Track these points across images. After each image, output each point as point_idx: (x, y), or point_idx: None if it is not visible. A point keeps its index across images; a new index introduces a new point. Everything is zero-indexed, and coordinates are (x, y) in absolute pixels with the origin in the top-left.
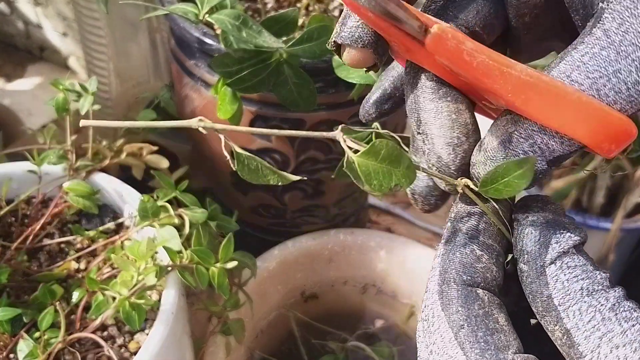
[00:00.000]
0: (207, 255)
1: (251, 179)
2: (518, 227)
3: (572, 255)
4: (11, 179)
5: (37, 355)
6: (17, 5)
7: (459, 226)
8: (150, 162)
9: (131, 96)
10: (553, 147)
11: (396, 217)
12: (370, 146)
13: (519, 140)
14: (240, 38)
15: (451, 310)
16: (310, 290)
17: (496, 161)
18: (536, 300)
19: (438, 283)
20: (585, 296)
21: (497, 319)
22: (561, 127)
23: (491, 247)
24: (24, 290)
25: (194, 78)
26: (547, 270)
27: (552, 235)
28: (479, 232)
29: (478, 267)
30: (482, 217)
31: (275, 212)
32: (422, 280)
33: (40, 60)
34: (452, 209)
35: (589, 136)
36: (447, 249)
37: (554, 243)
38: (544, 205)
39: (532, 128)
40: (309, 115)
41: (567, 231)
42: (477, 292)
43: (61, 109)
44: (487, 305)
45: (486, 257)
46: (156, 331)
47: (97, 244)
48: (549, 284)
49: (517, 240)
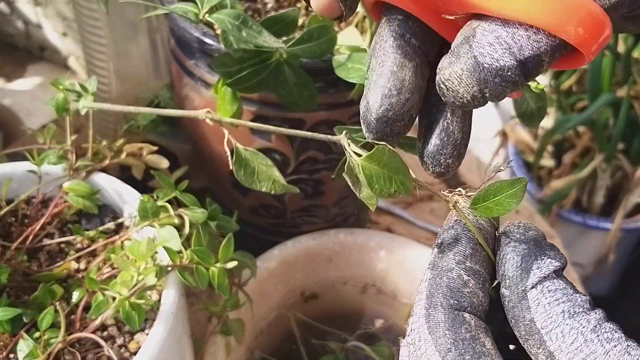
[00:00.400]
0: (207, 255)
1: (245, 182)
2: (500, 252)
3: (552, 279)
4: (11, 179)
5: (37, 355)
6: (17, 5)
7: (446, 250)
8: (150, 162)
9: (131, 96)
10: (520, 43)
11: (396, 217)
12: (374, 151)
13: (483, 33)
14: (240, 38)
15: (438, 334)
16: (310, 290)
17: (460, 58)
18: (519, 324)
19: (425, 307)
20: (567, 318)
21: (483, 342)
22: (516, 15)
23: (478, 273)
24: (24, 290)
25: (194, 78)
26: (529, 294)
27: (533, 261)
28: (466, 257)
29: (465, 292)
30: (469, 242)
31: (275, 212)
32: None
33: (40, 60)
34: (439, 234)
35: (549, 20)
36: (434, 273)
37: (535, 268)
38: (526, 231)
39: (496, 22)
40: (309, 115)
41: (548, 257)
42: (464, 316)
43: (61, 109)
44: (474, 329)
45: (473, 282)
46: (156, 331)
47: (97, 244)
48: (531, 307)
49: (499, 265)
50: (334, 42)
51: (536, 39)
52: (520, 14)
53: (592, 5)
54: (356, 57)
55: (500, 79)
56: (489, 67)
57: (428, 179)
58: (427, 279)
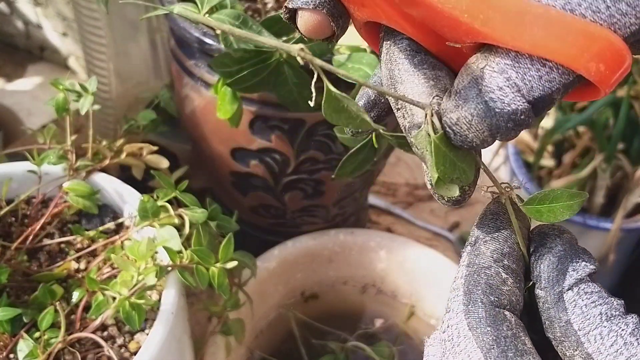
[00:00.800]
0: (207, 255)
1: (331, 119)
2: (535, 253)
3: (587, 282)
4: (11, 179)
5: (37, 355)
6: (17, 6)
7: (482, 248)
8: (150, 162)
9: (131, 96)
10: (531, 84)
11: (396, 217)
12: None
13: (491, 75)
14: (240, 38)
15: (479, 331)
16: (310, 290)
17: (468, 102)
18: (554, 325)
19: (464, 303)
20: (604, 321)
21: (524, 341)
22: (533, 47)
23: (515, 272)
24: (24, 290)
25: (194, 78)
26: (565, 296)
27: (569, 263)
28: (504, 255)
29: (504, 290)
30: (506, 240)
31: (275, 212)
32: (422, 280)
33: (40, 60)
34: (472, 230)
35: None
36: (470, 270)
37: (571, 270)
38: (560, 234)
39: (505, 62)
40: (308, 115)
41: (583, 260)
42: (504, 313)
43: (61, 109)
44: (515, 327)
45: (511, 281)
46: (156, 331)
47: (97, 244)
48: (567, 309)
49: (535, 267)
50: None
51: (548, 79)
52: (538, 48)
53: (612, 36)
54: (356, 57)
55: (512, 124)
56: (501, 113)
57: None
58: (463, 275)
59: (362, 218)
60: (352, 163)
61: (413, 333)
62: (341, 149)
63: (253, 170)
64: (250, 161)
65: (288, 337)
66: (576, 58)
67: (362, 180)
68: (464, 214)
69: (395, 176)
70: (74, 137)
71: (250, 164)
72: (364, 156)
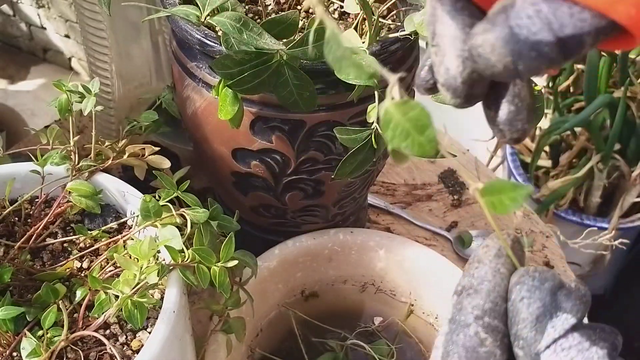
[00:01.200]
0: (209, 254)
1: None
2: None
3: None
4: (14, 179)
5: (40, 354)
6: (21, 8)
7: (465, 303)
8: (152, 162)
9: (133, 97)
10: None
11: (395, 217)
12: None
13: (523, 5)
14: (241, 40)
15: None
16: (310, 289)
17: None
18: None
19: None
20: None
21: None
22: None
23: (496, 329)
24: (27, 289)
25: (196, 79)
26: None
27: (548, 320)
28: (485, 312)
29: (481, 352)
30: (489, 294)
31: (275, 212)
32: (421, 279)
33: (43, 62)
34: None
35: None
36: (451, 328)
37: (549, 328)
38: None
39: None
40: (309, 116)
41: (564, 311)
42: None
43: (64, 109)
44: None
45: (490, 340)
46: (158, 329)
47: (100, 243)
48: None
49: (512, 323)
50: None
51: (580, 18)
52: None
53: None
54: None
55: (536, 54)
56: (525, 40)
57: (427, 180)
58: (444, 332)
59: (362, 218)
60: (351, 163)
61: (412, 331)
62: (341, 149)
63: (254, 171)
64: (251, 161)
65: (288, 336)
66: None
67: (362, 181)
68: (462, 213)
69: (394, 176)
70: (76, 137)
71: (251, 164)
72: (364, 156)
